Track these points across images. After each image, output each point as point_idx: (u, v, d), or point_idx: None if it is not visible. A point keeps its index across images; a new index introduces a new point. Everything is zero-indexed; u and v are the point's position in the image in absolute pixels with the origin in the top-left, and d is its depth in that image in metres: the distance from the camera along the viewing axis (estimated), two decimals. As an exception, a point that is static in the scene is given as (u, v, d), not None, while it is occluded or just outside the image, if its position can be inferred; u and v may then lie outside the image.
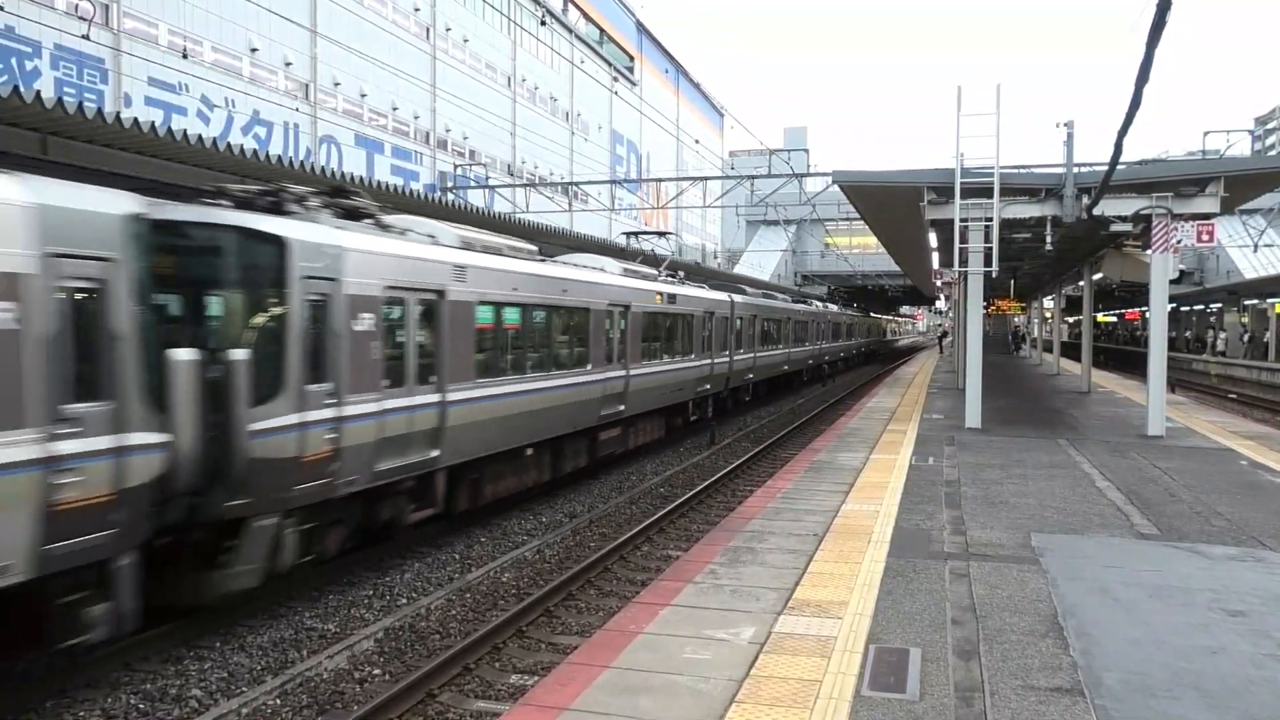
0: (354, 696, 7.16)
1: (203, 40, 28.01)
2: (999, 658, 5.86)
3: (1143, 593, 7.24)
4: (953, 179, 16.26)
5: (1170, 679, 5.54)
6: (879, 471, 12.68)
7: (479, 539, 11.90)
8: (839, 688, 5.40)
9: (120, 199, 6.96)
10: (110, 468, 6.59)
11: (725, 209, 59.21)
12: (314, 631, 8.52)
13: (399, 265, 9.86)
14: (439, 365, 10.63)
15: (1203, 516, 10.04)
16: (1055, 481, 11.98)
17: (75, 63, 23.62)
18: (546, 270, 14.01)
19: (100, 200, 6.77)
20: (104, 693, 7.09)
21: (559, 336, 14.25)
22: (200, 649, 7.97)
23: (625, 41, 63.54)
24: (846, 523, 9.59)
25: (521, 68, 48.76)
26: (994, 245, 16.53)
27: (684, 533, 12.41)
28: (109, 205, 6.80)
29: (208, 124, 27.42)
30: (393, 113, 37.59)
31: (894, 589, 7.28)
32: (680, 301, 19.95)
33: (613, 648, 6.12)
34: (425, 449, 10.37)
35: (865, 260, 61.03)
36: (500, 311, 12.25)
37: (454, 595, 9.61)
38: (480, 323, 11.67)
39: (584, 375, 14.89)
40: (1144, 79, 8.69)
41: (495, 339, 12.20)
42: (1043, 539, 8.91)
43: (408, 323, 10.15)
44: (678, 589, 7.36)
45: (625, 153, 63.80)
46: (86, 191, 6.74)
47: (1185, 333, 58.47)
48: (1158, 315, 16.94)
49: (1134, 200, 16.18)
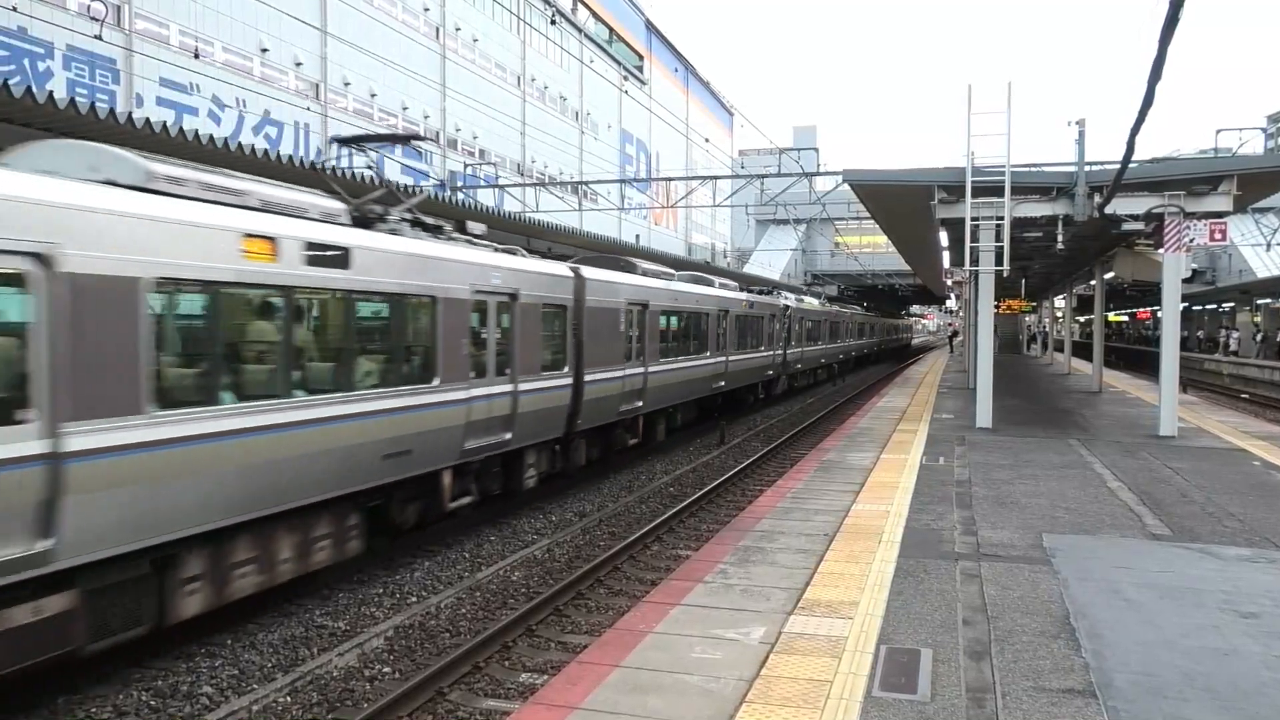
0: (364, 694, 7.17)
1: (214, 41, 28.12)
2: (1010, 659, 5.84)
3: (1155, 594, 7.20)
4: (963, 178, 16.21)
5: (1182, 680, 5.52)
6: (889, 471, 12.65)
7: (489, 538, 11.91)
8: (850, 688, 5.39)
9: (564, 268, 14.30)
10: (508, 403, 11.87)
11: (735, 208, 59.14)
12: (324, 629, 8.55)
13: (634, 290, 16.55)
14: (644, 349, 16.82)
15: (1215, 517, 9.99)
16: (1066, 482, 11.93)
17: (87, 63, 23.74)
18: (683, 287, 20.10)
19: (558, 268, 14.03)
20: (115, 689, 7.12)
21: (693, 332, 20.34)
22: (211, 646, 8.01)
23: (634, 40, 63.56)
24: (857, 523, 9.57)
25: (531, 67, 48.82)
26: (1005, 244, 16.48)
27: (694, 532, 12.40)
28: (563, 270, 14.05)
29: (219, 124, 27.51)
30: (403, 112, 37.67)
31: (905, 589, 7.26)
32: (757, 307, 26.46)
33: (623, 647, 6.12)
34: (635, 400, 16.55)
35: (875, 259, 60.91)
36: (668, 316, 18.72)
37: (464, 594, 9.62)
38: (661, 324, 18.09)
39: (705, 359, 21.01)
40: (1156, 76, 8.65)
41: (665, 333, 18.40)
42: (1054, 539, 8.88)
43: (633, 324, 16.42)
44: (688, 588, 7.36)
45: (635, 152, 63.82)
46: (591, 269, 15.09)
47: (1197, 332, 58.16)
48: (1170, 315, 16.85)
49: (1146, 199, 16.11)
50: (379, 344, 9.82)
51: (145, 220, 6.81)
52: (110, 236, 6.51)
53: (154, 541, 6.92)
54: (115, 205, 6.65)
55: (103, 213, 6.51)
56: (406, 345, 10.08)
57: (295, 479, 8.22)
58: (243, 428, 7.58)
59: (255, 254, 7.75)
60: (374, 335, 9.80)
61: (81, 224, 6.32)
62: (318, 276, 8.46)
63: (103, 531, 6.46)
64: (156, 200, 7.05)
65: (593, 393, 14.49)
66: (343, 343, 9.09)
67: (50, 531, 6.07)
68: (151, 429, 6.74)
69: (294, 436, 8.15)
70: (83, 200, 6.41)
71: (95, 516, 6.36)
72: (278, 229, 8.01)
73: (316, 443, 8.43)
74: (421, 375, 10.11)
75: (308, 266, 8.30)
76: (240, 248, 7.58)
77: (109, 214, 6.55)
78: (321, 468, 8.52)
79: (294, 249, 8.15)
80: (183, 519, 7.11)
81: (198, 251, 7.19)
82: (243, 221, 7.67)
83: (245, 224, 7.67)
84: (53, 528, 6.08)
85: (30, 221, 5.98)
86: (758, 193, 37.65)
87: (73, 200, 6.33)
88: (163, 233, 6.92)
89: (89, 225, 6.37)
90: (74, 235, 6.24)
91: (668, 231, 67.01)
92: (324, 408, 8.53)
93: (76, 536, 6.24)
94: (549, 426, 13.35)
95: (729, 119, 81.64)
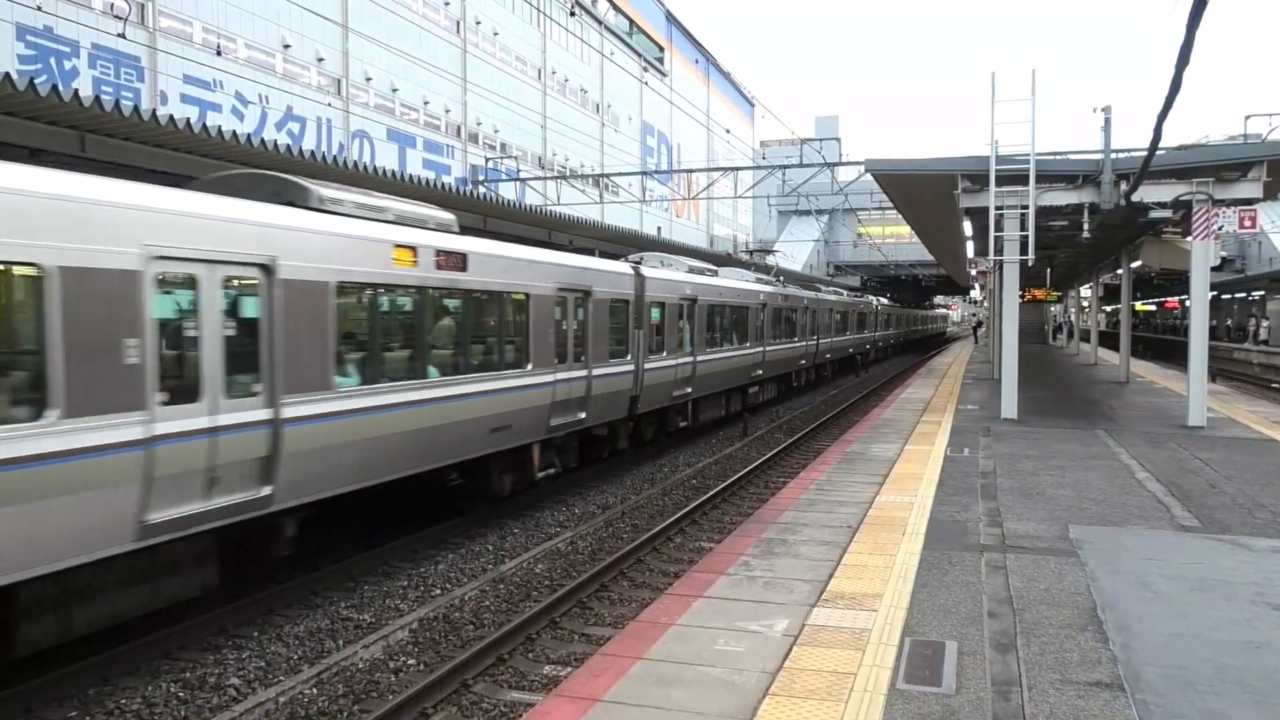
0: (389, 686, 7.21)
1: (236, 37, 28.28)
2: (1037, 651, 5.79)
3: (1184, 586, 7.12)
4: (987, 166, 16.05)
5: (1213, 674, 5.44)
6: (913, 463, 12.58)
7: (512, 530, 11.95)
8: (874, 680, 5.36)
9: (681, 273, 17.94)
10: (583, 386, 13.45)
11: (756, 199, 58.93)
12: (350, 621, 8.60)
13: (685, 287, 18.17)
14: (693, 340, 18.48)
15: (1245, 508, 9.86)
16: (1093, 473, 11.81)
17: (112, 61, 23.95)
18: (726, 283, 21.53)
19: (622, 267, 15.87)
20: (144, 680, 7.21)
21: (735, 324, 21.85)
22: (238, 638, 8.08)
23: (655, 32, 63.36)
24: (881, 514, 9.52)
25: (551, 60, 48.79)
26: (1030, 233, 16.32)
27: (717, 524, 12.38)
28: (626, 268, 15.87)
29: (242, 120, 27.69)
30: (424, 107, 37.76)
31: (929, 581, 7.21)
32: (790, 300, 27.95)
33: (645, 639, 6.12)
34: (686, 386, 18.17)
35: (898, 250, 60.53)
36: (713, 310, 20.03)
37: (487, 586, 9.66)
38: (707, 318, 19.51)
39: (745, 349, 22.44)
40: (1184, 62, 8.50)
41: (711, 325, 19.93)
42: (1081, 531, 8.80)
43: (682, 316, 18.03)
44: (710, 580, 7.35)
45: (656, 144, 63.67)
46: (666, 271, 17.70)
47: (1226, 321, 57.40)
48: (1199, 303, 16.63)
49: (1173, 186, 15.89)
50: (488, 334, 11.54)
51: (329, 236, 8.58)
52: (308, 249, 8.24)
53: (334, 493, 8.67)
54: (309, 225, 8.39)
55: (303, 231, 8.24)
56: (508, 335, 11.83)
57: (430, 445, 10.03)
58: (393, 403, 9.35)
59: (401, 261, 9.53)
60: (485, 326, 11.54)
61: (290, 240, 8.01)
62: (446, 278, 10.31)
63: (304, 481, 8.20)
64: (331, 219, 8.78)
65: (651, 379, 16.36)
66: (463, 333, 10.85)
67: (271, 480, 7.80)
68: (337, 402, 8.54)
69: (429, 410, 9.92)
70: (289, 221, 8.14)
71: (299, 470, 8.08)
72: (416, 239, 9.79)
73: (445, 415, 10.22)
74: (518, 361, 11.88)
75: (438, 270, 10.11)
76: (391, 256, 9.38)
77: (306, 232, 8.29)
78: (447, 437, 10.31)
79: (428, 256, 9.98)
80: (355, 476, 8.91)
81: (364, 259, 8.97)
82: (392, 235, 9.49)
83: (394, 236, 9.49)
84: (272, 478, 7.80)
85: (260, 239, 7.69)
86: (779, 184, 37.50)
87: (284, 221, 8.06)
88: (341, 245, 8.68)
89: (294, 241, 8.07)
90: (286, 249, 7.93)
91: (689, 223, 66.86)
92: (450, 387, 10.36)
93: (286, 486, 7.95)
94: (616, 408, 15.17)
95: (750, 110, 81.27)
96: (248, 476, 7.60)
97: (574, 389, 13.24)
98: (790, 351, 27.39)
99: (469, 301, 10.89)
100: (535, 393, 12.15)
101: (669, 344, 17.22)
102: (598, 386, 13.98)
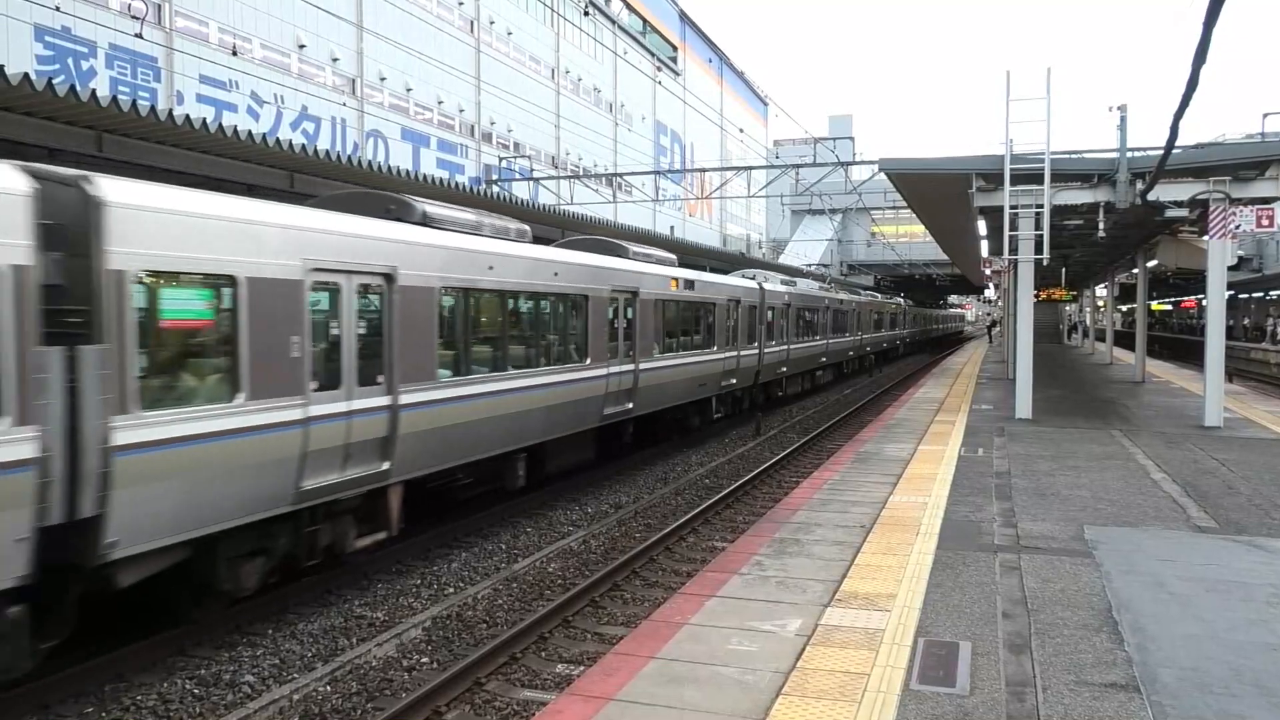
0: (403, 684, 7.24)
1: (252, 38, 28.39)
2: (1051, 652, 5.76)
3: (1200, 587, 7.07)
4: (1002, 165, 15.98)
5: (1229, 675, 5.41)
6: (927, 463, 12.54)
7: (525, 529, 11.97)
8: (887, 681, 5.35)
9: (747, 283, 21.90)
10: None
11: (770, 199, 58.78)
12: (363, 619, 8.64)
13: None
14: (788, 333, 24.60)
15: (1262, 509, 9.79)
16: (1108, 473, 11.75)
17: (129, 62, 24.08)
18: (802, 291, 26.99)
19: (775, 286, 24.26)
20: (160, 676, 7.25)
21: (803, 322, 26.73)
22: (252, 635, 8.13)
23: (668, 31, 63.27)
24: (894, 514, 9.49)
25: (565, 59, 48.80)
26: (1045, 232, 16.24)
27: (729, 524, 12.38)
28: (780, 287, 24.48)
29: (257, 120, 27.80)
30: (438, 106, 37.82)
31: (943, 581, 7.19)
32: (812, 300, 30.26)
33: (658, 638, 6.12)
34: (781, 366, 24.14)
35: (912, 249, 60.27)
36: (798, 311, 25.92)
37: (500, 585, 9.68)
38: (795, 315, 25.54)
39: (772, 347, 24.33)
40: (1201, 60, 8.44)
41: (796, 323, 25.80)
42: (1096, 532, 8.75)
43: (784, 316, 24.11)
44: (723, 580, 7.35)
45: (669, 143, 63.59)
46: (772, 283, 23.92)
47: (1244, 321, 56.95)
48: (1215, 303, 16.52)
49: (1190, 185, 15.79)
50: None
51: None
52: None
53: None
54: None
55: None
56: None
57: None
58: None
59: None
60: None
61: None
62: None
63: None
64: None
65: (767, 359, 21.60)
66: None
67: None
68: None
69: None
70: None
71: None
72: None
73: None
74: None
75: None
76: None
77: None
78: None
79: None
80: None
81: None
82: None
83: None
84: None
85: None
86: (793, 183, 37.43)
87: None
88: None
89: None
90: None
91: (702, 223, 66.76)
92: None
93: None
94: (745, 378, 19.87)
95: (764, 109, 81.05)
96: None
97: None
98: (843, 344, 33.60)
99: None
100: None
101: (775, 336, 23.50)
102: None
